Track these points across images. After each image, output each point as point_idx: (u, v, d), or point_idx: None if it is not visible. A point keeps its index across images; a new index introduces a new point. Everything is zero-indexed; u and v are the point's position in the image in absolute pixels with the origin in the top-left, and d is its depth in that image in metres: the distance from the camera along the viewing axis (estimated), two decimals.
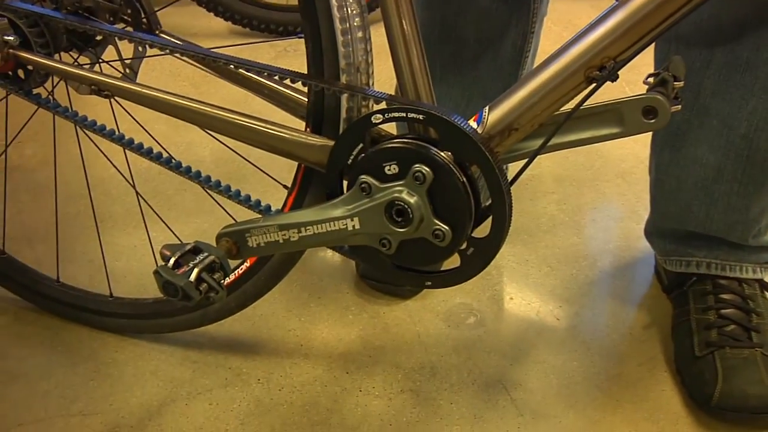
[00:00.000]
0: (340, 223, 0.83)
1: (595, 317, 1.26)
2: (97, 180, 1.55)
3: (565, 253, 1.40)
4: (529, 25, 1.26)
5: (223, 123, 0.91)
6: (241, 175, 1.50)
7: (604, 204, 1.54)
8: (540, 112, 0.79)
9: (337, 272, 1.36)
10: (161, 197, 1.54)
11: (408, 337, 1.22)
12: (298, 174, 0.94)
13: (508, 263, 1.37)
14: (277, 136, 0.88)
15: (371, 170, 0.81)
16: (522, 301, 1.30)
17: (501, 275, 1.35)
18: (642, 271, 1.37)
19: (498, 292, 1.31)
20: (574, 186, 1.59)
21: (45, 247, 1.38)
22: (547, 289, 1.32)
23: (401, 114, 0.78)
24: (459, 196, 0.78)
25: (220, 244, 0.89)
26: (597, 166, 1.65)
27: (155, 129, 1.14)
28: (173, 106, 0.92)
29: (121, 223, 1.47)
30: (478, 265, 0.83)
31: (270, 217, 0.89)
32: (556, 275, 1.35)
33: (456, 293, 1.31)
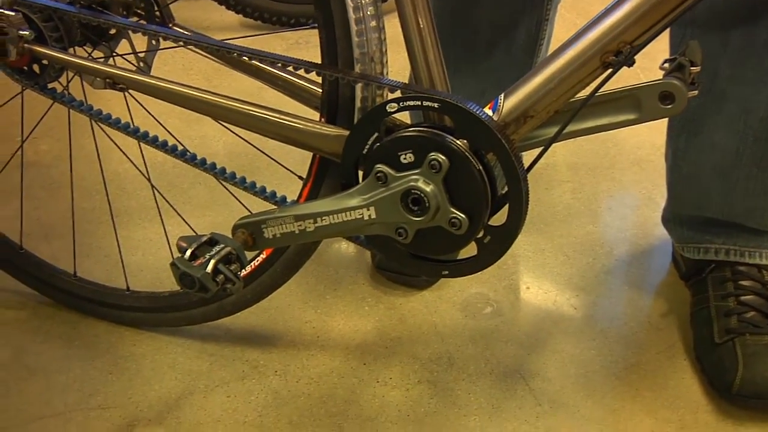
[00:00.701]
0: (356, 213, 0.83)
1: (612, 306, 1.26)
2: (112, 175, 1.56)
3: (581, 241, 1.40)
4: (544, 12, 1.25)
5: (237, 114, 0.91)
6: (255, 167, 1.50)
7: (620, 192, 1.53)
8: (555, 99, 0.79)
9: (353, 264, 1.36)
10: (176, 190, 1.54)
11: (425, 328, 1.22)
12: (313, 165, 0.94)
13: (525, 252, 1.37)
14: (291, 127, 0.88)
15: (387, 159, 0.81)
16: (539, 290, 1.29)
17: (517, 264, 1.35)
18: (659, 259, 1.36)
19: (514, 282, 1.31)
20: (589, 174, 1.58)
21: (62, 243, 1.38)
22: (564, 278, 1.32)
23: (416, 102, 0.78)
24: (475, 184, 0.78)
25: (236, 236, 0.89)
26: (612, 154, 1.64)
27: (169, 123, 1.14)
28: (187, 97, 0.92)
29: (136, 217, 1.48)
30: (495, 254, 0.83)
31: (286, 207, 0.89)
32: (572, 264, 1.35)
33: (472, 283, 1.30)
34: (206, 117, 0.94)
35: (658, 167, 1.41)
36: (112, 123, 1.02)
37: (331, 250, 1.39)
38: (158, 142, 1.00)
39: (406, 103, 0.79)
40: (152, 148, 1.02)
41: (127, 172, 1.56)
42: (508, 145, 0.76)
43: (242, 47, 0.90)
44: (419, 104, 0.78)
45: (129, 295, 1.21)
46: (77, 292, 1.24)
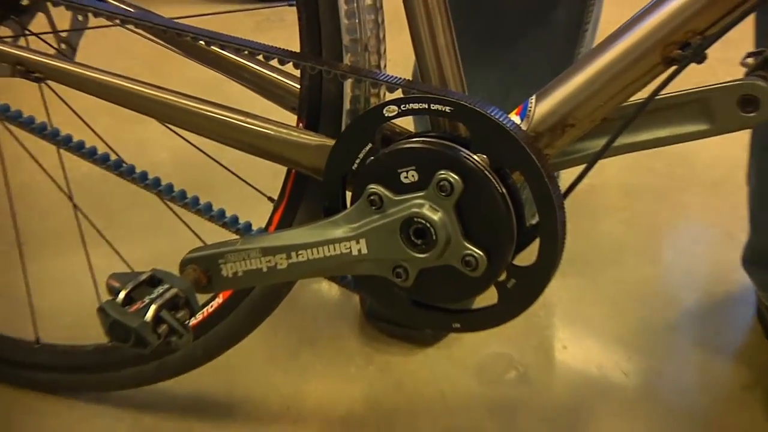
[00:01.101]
0: (342, 247, 0.84)
1: (677, 373, 1.27)
2: (19, 189, 1.55)
3: (636, 288, 1.41)
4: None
5: (188, 115, 0.92)
6: (211, 183, 1.49)
7: (687, 223, 1.55)
8: (603, 104, 0.80)
9: (336, 310, 1.37)
10: (106, 212, 1.55)
11: (429, 397, 1.23)
12: (288, 182, 0.95)
13: (561, 301, 1.38)
14: (259, 133, 0.89)
15: (383, 178, 0.82)
16: (578, 350, 1.30)
17: (550, 316, 1.36)
18: (739, 313, 1.38)
19: (547, 339, 1.32)
20: (647, 199, 1.60)
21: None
22: (612, 335, 1.33)
23: (422, 105, 0.79)
24: (497, 212, 0.79)
25: (186, 274, 0.90)
26: (678, 174, 1.66)
27: (98, 122, 1.15)
28: (124, 92, 0.93)
29: (51, 246, 1.48)
30: (521, 303, 0.83)
31: (251, 238, 0.90)
32: (623, 317, 1.36)
33: (491, 340, 1.32)
34: (148, 117, 0.95)
35: (738, 191, 1.43)
36: (23, 123, 1.03)
37: (308, 293, 1.40)
38: (83, 148, 1.01)
39: (410, 106, 0.79)
40: (75, 156, 1.02)
41: (40, 186, 1.57)
42: (541, 162, 0.77)
43: (196, 28, 0.90)
44: (426, 107, 0.79)
45: (40, 349, 1.21)
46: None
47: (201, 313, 1.06)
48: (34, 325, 1.23)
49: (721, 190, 1.63)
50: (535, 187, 0.78)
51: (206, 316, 1.06)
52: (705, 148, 1.64)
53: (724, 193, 1.63)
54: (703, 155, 1.69)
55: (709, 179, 1.66)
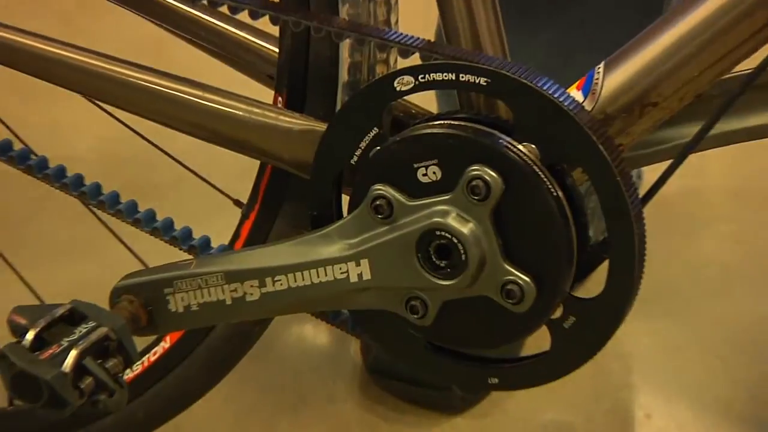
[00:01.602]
0: (336, 270, 0.85)
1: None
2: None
3: (746, 334, 1.42)
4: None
5: (123, 88, 0.93)
6: (155, 183, 1.52)
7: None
8: (697, 75, 0.81)
9: (328, 363, 1.38)
10: (6, 223, 1.58)
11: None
12: (261, 182, 0.97)
13: (641, 350, 1.39)
14: (222, 114, 0.90)
15: (393, 175, 0.83)
16: (667, 421, 1.32)
17: (627, 372, 1.36)
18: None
19: (624, 404, 1.33)
20: (763, 208, 1.62)
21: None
22: (717, 399, 1.34)
23: (447, 76, 0.80)
24: (549, 223, 0.80)
25: (119, 308, 0.90)
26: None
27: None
28: (35, 57, 0.95)
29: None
30: (584, 350, 0.84)
31: (210, 258, 0.91)
32: (732, 374, 1.37)
33: (546, 404, 1.33)
34: (66, 91, 0.97)
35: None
36: None
37: (288, 337, 1.40)
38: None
39: (430, 77, 0.80)
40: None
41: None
42: (612, 156, 0.78)
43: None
44: (452, 79, 0.80)
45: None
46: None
47: (141, 362, 1.07)
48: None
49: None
50: (603, 190, 0.79)
51: (148, 368, 1.07)
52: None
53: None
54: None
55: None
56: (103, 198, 0.99)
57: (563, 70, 1.20)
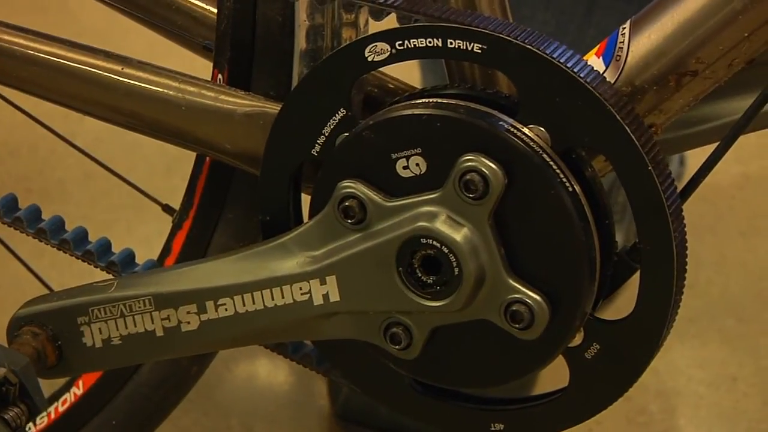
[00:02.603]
0: (296, 290, 0.87)
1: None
2: None
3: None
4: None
5: (15, 62, 0.96)
6: (56, 178, 1.53)
7: None
8: (748, 34, 0.83)
9: (286, 411, 1.40)
10: None
11: None
12: (198, 181, 1.00)
13: (688, 385, 1.41)
14: (148, 95, 0.93)
15: (366, 169, 0.85)
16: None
17: (671, 414, 1.38)
18: None
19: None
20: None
21: None
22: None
23: (432, 41, 0.82)
24: (564, 227, 0.82)
25: (20, 342, 0.92)
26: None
27: None
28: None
29: None
30: (611, 386, 0.87)
31: (134, 278, 0.93)
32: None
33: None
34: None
35: None
36: None
37: (237, 378, 1.42)
38: None
39: (411, 42, 0.83)
40: None
41: None
42: (641, 140, 0.80)
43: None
44: (440, 45, 0.82)
45: None
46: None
47: (47, 413, 1.09)
48: None
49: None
50: (631, 183, 0.81)
51: (55, 420, 1.09)
52: None
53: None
54: None
55: None
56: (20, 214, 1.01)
57: (586, 23, 1.23)
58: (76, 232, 1.00)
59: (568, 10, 1.30)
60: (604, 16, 1.14)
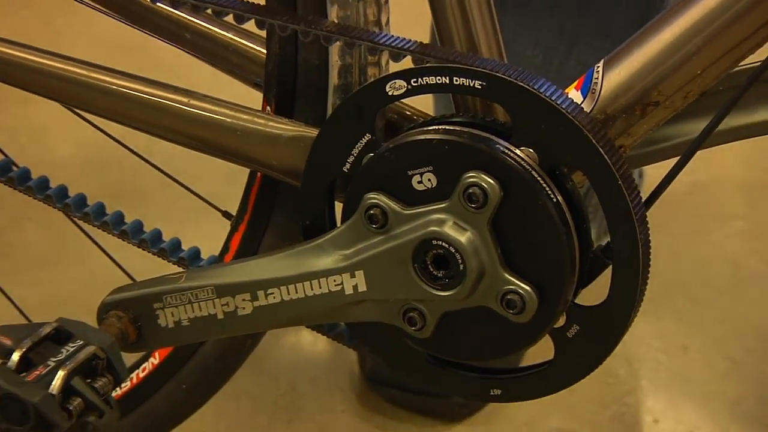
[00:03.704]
0: (331, 282, 0.86)
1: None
2: None
3: (760, 332, 1.43)
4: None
5: (106, 96, 0.94)
6: (137, 187, 1.52)
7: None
8: (700, 72, 0.81)
9: (324, 373, 1.38)
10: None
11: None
12: (251, 192, 0.98)
13: (650, 354, 1.39)
14: (209, 121, 0.91)
15: (387, 183, 0.83)
16: (677, 426, 1.33)
17: (634, 375, 1.37)
18: None
19: (630, 409, 1.34)
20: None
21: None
22: (727, 402, 1.35)
23: (441, 79, 0.80)
24: (550, 230, 0.81)
25: (107, 324, 0.91)
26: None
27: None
28: (14, 65, 0.95)
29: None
30: (589, 358, 0.85)
31: (200, 272, 0.92)
32: (743, 376, 1.38)
33: (550, 410, 1.34)
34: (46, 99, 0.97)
35: None
36: None
37: (283, 348, 1.40)
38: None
39: (424, 80, 0.81)
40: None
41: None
42: (612, 158, 0.79)
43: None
44: (447, 82, 0.80)
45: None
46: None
47: (128, 379, 1.07)
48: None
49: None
50: (605, 194, 0.79)
51: (136, 385, 1.07)
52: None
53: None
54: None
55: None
56: (88, 210, 0.99)
57: (564, 63, 1.21)
58: (153, 233, 0.99)
59: (552, 46, 1.29)
60: (582, 51, 1.12)
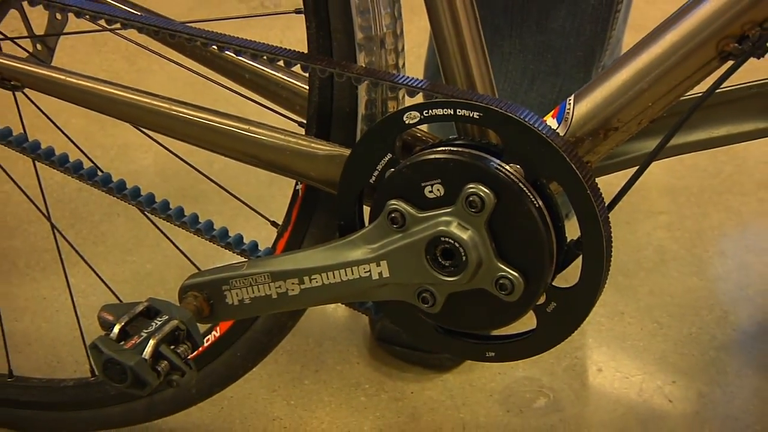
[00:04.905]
0: (361, 270, 0.85)
1: (727, 398, 1.27)
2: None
3: (679, 302, 1.42)
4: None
5: (184, 125, 0.93)
6: (199, 192, 1.50)
7: (738, 229, 1.56)
8: (651, 103, 0.81)
9: (343, 333, 1.37)
10: (82, 225, 1.56)
11: (448, 429, 1.23)
12: (294, 207, 0.97)
13: (594, 317, 1.38)
14: (265, 144, 0.90)
15: (405, 192, 0.83)
16: (616, 373, 1.31)
17: (583, 335, 1.36)
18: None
19: (579, 361, 1.33)
20: (692, 202, 1.61)
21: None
22: (654, 355, 1.33)
23: (447, 111, 0.80)
24: (533, 229, 0.80)
25: (186, 302, 0.90)
26: (728, 172, 1.67)
27: (71, 124, 1.14)
28: (113, 101, 0.94)
29: (22, 265, 1.49)
30: (564, 328, 0.85)
31: (258, 261, 0.91)
32: (666, 336, 1.36)
33: (517, 363, 1.32)
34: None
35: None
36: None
37: (312, 314, 1.39)
38: (54, 156, 1.01)
39: (433, 112, 0.80)
40: (46, 165, 1.02)
41: (8, 198, 1.57)
42: (581, 171, 0.78)
43: (193, 29, 0.90)
44: (451, 113, 0.80)
45: (13, 384, 1.21)
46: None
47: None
48: (7, 354, 1.23)
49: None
50: (576, 199, 0.79)
51: (201, 352, 1.06)
52: (757, 142, 1.64)
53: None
54: (755, 151, 1.69)
55: (763, 177, 1.67)
56: (171, 213, 0.98)
57: (529, 92, 1.20)
58: (221, 230, 0.98)
59: (518, 82, 1.28)
60: (541, 86, 1.11)
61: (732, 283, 1.46)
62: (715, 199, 1.63)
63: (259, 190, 1.11)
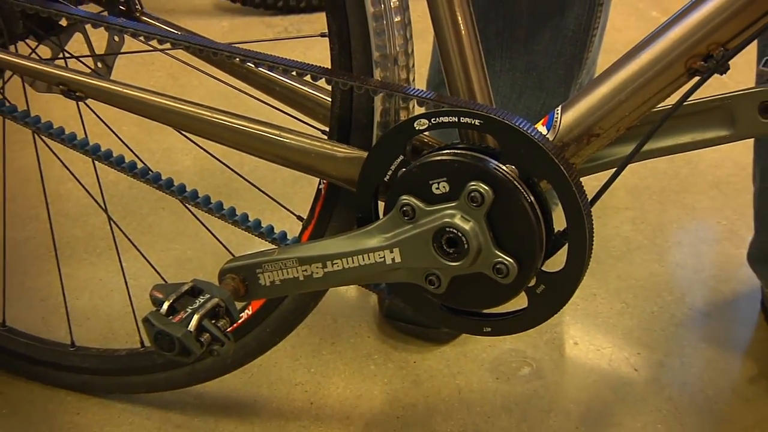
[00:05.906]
0: (377, 256, 0.85)
1: (684, 368, 1.27)
2: (52, 197, 1.54)
3: (644, 285, 1.41)
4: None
5: (225, 131, 0.92)
6: (233, 188, 1.50)
7: (693, 222, 1.55)
8: (628, 114, 0.80)
9: (355, 311, 1.37)
10: (133, 217, 1.56)
11: (445, 393, 1.23)
12: (317, 204, 0.96)
13: (572, 300, 1.36)
14: (294, 147, 0.89)
15: (415, 189, 0.82)
16: (589, 346, 1.30)
17: (562, 314, 1.34)
18: (745, 308, 1.37)
19: (558, 336, 1.32)
20: (654, 199, 1.60)
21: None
22: (622, 331, 1.33)
23: (452, 119, 0.79)
24: (526, 221, 0.79)
25: (225, 283, 0.90)
26: (684, 174, 1.66)
27: (123, 131, 1.14)
28: (163, 110, 0.93)
29: (81, 251, 1.48)
30: (551, 307, 0.84)
31: (288, 248, 0.90)
32: (632, 313, 1.36)
33: (505, 337, 1.31)
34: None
35: (743, 191, 1.42)
36: (55, 134, 1.02)
37: (327, 295, 1.38)
38: (111, 157, 1.00)
39: (440, 119, 0.79)
40: (103, 165, 1.02)
41: (70, 193, 1.56)
42: (568, 172, 0.77)
43: (234, 48, 0.90)
44: (455, 120, 0.79)
45: (74, 353, 1.21)
46: (5, 346, 1.24)
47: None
48: (69, 327, 1.23)
49: (725, 190, 1.64)
50: (563, 196, 0.78)
51: (236, 327, 1.06)
52: (708, 149, 1.64)
53: (728, 192, 1.63)
54: (707, 156, 1.70)
55: (715, 179, 1.66)
56: (212, 206, 0.97)
57: (517, 104, 1.20)
58: (255, 221, 0.97)
59: (507, 96, 1.28)
60: (527, 100, 1.11)
61: (688, 269, 1.46)
62: (673, 197, 1.62)
63: (284, 188, 1.10)
